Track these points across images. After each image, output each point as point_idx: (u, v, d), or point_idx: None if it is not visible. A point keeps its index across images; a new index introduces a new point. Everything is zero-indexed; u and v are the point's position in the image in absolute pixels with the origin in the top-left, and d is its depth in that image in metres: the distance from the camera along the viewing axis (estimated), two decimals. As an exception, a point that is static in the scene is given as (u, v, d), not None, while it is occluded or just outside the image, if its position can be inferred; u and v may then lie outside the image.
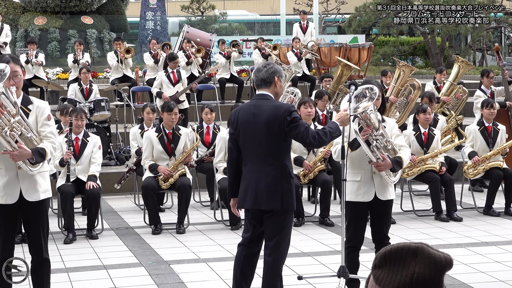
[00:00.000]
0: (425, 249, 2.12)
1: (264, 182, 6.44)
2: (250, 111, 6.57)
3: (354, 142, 6.89)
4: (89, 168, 10.24)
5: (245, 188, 6.56)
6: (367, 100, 6.63)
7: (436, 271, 2.11)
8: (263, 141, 6.47)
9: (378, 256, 2.17)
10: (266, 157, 6.49)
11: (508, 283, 7.65)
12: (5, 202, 6.34)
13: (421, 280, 2.09)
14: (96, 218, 10.20)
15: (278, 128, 6.40)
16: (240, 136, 6.59)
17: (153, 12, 26.14)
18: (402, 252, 2.13)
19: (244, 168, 6.64)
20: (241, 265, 6.68)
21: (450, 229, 10.30)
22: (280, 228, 6.51)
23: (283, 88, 6.77)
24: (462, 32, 29.35)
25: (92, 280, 8.05)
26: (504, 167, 11.32)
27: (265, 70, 6.60)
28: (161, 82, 15.45)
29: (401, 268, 2.11)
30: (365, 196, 7.03)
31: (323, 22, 37.18)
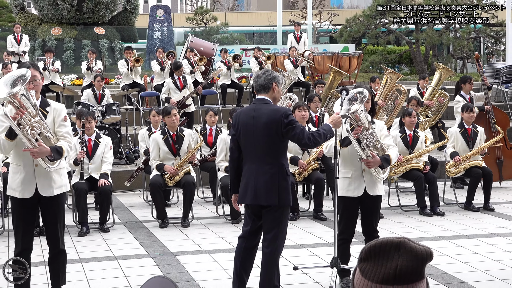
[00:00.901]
0: (407, 243, 2.12)
1: (263, 179, 6.44)
2: (250, 114, 6.59)
3: (345, 139, 6.95)
4: (101, 166, 10.26)
5: (245, 185, 6.56)
6: (358, 102, 6.67)
7: (418, 263, 2.11)
8: (261, 142, 6.47)
9: (364, 251, 2.18)
10: (265, 157, 6.50)
11: (487, 272, 7.65)
12: (22, 196, 6.37)
13: (404, 272, 2.10)
14: (108, 213, 10.22)
15: (276, 130, 6.41)
16: (240, 137, 6.61)
17: (160, 23, 26.14)
18: (386, 247, 2.13)
19: (244, 167, 6.64)
20: (241, 256, 6.70)
21: (434, 223, 10.30)
22: (277, 222, 6.51)
23: (281, 93, 6.78)
24: (445, 41, 29.37)
25: (104, 270, 8.05)
26: (483, 166, 11.36)
27: (264, 77, 6.62)
28: (168, 88, 15.47)
29: (385, 261, 2.12)
30: (356, 192, 7.06)
31: (317, 32, 37.19)
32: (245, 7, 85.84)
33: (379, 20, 29.20)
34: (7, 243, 9.52)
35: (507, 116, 14.09)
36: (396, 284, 2.09)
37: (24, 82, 5.95)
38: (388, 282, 2.10)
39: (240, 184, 6.64)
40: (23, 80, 5.94)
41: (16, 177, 6.40)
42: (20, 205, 6.43)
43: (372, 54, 31.60)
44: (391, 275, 2.09)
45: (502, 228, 9.92)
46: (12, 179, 6.43)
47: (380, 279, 2.11)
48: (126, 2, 27.67)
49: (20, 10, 27.43)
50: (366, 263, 2.16)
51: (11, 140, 6.18)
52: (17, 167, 6.41)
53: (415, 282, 2.12)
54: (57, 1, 25.63)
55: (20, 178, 6.38)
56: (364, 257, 2.17)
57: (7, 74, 6.22)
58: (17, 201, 6.44)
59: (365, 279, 2.15)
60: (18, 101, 6.00)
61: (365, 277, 2.15)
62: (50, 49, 19.39)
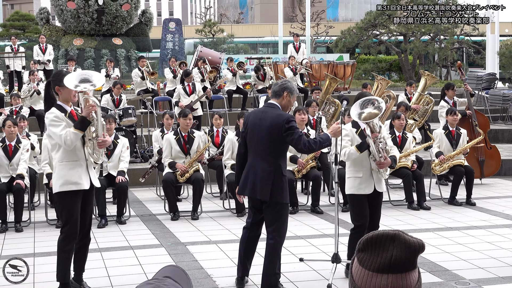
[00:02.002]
0: (401, 236, 2.13)
1: (260, 175, 6.48)
2: (258, 116, 6.66)
3: (363, 145, 6.91)
4: (118, 164, 10.26)
5: (245, 178, 6.63)
6: (372, 108, 6.66)
7: (411, 254, 2.12)
8: (264, 142, 6.50)
9: (361, 242, 2.18)
10: (265, 155, 6.51)
11: (469, 261, 7.64)
12: (82, 188, 6.43)
13: (398, 261, 2.10)
14: (124, 206, 10.21)
15: (277, 133, 6.42)
16: (247, 135, 6.67)
17: (172, 34, 26.19)
18: (382, 238, 2.13)
19: (248, 161, 6.69)
20: (245, 245, 6.78)
21: (420, 216, 10.29)
22: (277, 217, 6.53)
23: (292, 103, 6.80)
24: (430, 51, 29.37)
25: (120, 258, 8.05)
26: (465, 164, 11.36)
27: (278, 85, 6.75)
28: (179, 93, 15.50)
29: (381, 252, 2.12)
30: (367, 189, 7.03)
31: (314, 43, 37.19)
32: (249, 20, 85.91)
33: (371, 32, 29.23)
34: (33, 233, 9.54)
35: (488, 119, 14.08)
36: (391, 272, 2.10)
37: (92, 87, 6.26)
38: (384, 271, 2.10)
39: (241, 176, 6.70)
40: (92, 86, 6.25)
41: (74, 172, 6.39)
42: (77, 196, 6.44)
43: (365, 63, 31.65)
44: (386, 265, 2.10)
45: (483, 221, 9.91)
46: (70, 174, 6.38)
47: (376, 267, 2.12)
48: (141, 15, 27.73)
49: (45, 22, 27.50)
50: (363, 253, 2.17)
51: (81, 131, 6.24)
52: (73, 162, 6.39)
53: (408, 271, 2.12)
54: (79, 14, 25.69)
55: (80, 171, 6.42)
56: (362, 248, 2.18)
57: (83, 71, 6.54)
58: (75, 193, 6.43)
59: (363, 267, 2.15)
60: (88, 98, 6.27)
61: (363, 266, 2.15)
62: (72, 58, 19.42)
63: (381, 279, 2.11)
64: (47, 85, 6.57)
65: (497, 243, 8.54)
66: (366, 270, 2.14)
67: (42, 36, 21.55)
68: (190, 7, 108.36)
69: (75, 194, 6.42)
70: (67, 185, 6.39)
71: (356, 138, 7.01)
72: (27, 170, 10.17)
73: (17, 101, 14.16)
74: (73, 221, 6.43)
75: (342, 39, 29.76)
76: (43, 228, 9.87)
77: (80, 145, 6.39)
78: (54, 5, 26.91)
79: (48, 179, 9.65)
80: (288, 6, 53.67)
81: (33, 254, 8.31)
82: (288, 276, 7.10)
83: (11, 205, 10.32)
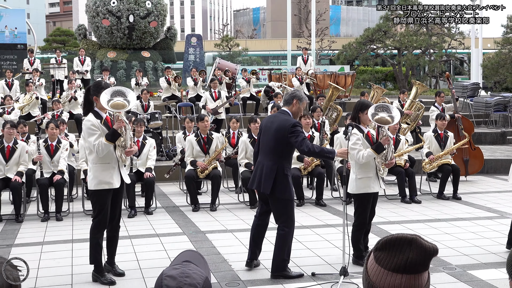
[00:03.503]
0: (418, 240, 2.10)
1: (265, 172, 6.51)
2: (270, 119, 6.74)
3: (380, 148, 6.86)
4: (146, 162, 10.27)
5: (254, 174, 6.72)
6: (386, 114, 6.63)
7: (426, 258, 2.09)
8: (270, 143, 6.54)
9: (381, 242, 2.16)
10: (271, 154, 6.53)
11: (455, 249, 7.60)
12: (114, 187, 6.46)
13: (413, 263, 2.07)
14: (151, 199, 10.23)
15: (283, 135, 6.44)
16: (261, 137, 6.74)
17: (194, 48, 26.19)
18: (400, 241, 2.11)
19: (258, 159, 6.74)
20: (253, 232, 6.87)
21: (412, 209, 10.25)
22: (283, 211, 6.55)
23: (301, 110, 6.80)
24: (421, 63, 29.25)
25: (148, 244, 8.06)
26: (452, 163, 11.35)
27: (289, 94, 6.83)
28: (206, 98, 15.61)
29: (398, 253, 2.09)
30: (376, 187, 6.98)
31: (319, 56, 37.12)
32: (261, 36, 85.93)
33: (369, 46, 29.18)
34: (72, 222, 9.57)
35: (472, 124, 14.04)
36: (405, 273, 2.08)
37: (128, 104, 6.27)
38: (399, 271, 2.08)
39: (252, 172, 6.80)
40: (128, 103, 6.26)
41: (106, 173, 6.41)
42: (109, 193, 6.47)
43: (363, 73, 31.57)
44: (402, 265, 2.07)
45: (468, 213, 9.85)
46: (103, 175, 6.40)
47: (392, 267, 2.09)
48: (167, 31, 27.77)
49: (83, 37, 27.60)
50: (381, 252, 2.14)
51: (111, 143, 6.30)
52: (106, 165, 6.41)
53: (420, 272, 2.10)
54: (112, 30, 25.76)
55: (112, 172, 6.45)
56: (380, 247, 2.15)
57: (115, 87, 6.51)
58: (107, 191, 6.45)
59: (379, 265, 2.13)
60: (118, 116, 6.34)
61: (379, 264, 2.13)
62: (107, 69, 19.50)
63: (395, 278, 2.08)
64: (87, 91, 6.59)
65: (480, 233, 8.49)
66: (382, 268, 2.12)
67: (82, 49, 21.63)
68: (209, 24, 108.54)
69: (107, 191, 6.46)
70: (101, 184, 6.42)
71: (364, 140, 6.94)
72: (67, 166, 10.22)
73: (57, 106, 14.23)
74: (104, 213, 6.48)
75: (343, 53, 29.72)
76: (80, 217, 9.90)
77: (112, 149, 6.42)
78: (90, 22, 26.99)
79: (85, 175, 9.68)
80: (296, 23, 53.57)
81: (72, 240, 8.35)
82: (296, 261, 7.08)
83: (52, 197, 10.36)
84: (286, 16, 27.27)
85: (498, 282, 6.25)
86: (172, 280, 1.94)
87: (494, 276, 6.48)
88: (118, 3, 25.68)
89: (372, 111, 6.71)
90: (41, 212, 9.87)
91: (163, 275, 1.98)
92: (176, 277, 1.96)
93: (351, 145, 6.79)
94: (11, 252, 7.73)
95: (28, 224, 9.50)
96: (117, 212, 6.67)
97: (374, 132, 7.14)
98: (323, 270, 6.75)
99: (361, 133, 6.94)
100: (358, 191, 6.94)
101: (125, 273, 6.69)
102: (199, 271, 2.03)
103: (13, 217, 9.75)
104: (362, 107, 6.95)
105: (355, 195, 6.99)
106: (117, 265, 6.75)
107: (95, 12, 26.15)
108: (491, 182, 13.01)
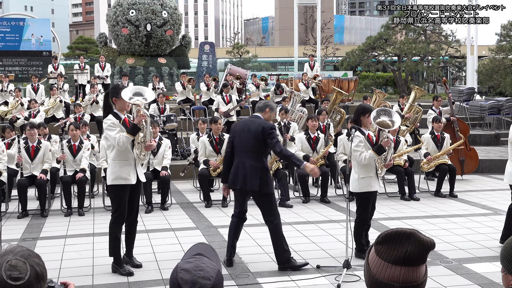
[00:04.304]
0: (417, 234, 2.10)
1: (249, 170, 6.57)
2: (245, 123, 6.84)
3: (381, 149, 6.82)
4: (162, 161, 10.28)
5: (235, 174, 6.69)
6: (386, 119, 6.61)
7: (424, 251, 2.09)
8: (251, 143, 6.62)
9: (381, 236, 2.16)
10: (252, 154, 6.62)
11: (452, 243, 7.56)
12: (130, 183, 6.45)
13: (412, 256, 2.07)
14: (167, 196, 10.24)
15: (262, 136, 6.57)
16: (235, 139, 6.79)
17: (207, 55, 26.25)
18: (400, 235, 2.11)
19: (234, 161, 6.76)
20: (234, 231, 6.89)
21: (411, 206, 10.21)
22: (269, 205, 6.66)
23: (271, 118, 6.92)
24: (420, 70, 29.17)
25: (163, 238, 8.07)
26: (449, 163, 11.30)
27: (263, 103, 7.03)
28: (218, 102, 15.63)
29: (397, 246, 2.09)
30: (377, 186, 6.95)
31: (324, 62, 37.08)
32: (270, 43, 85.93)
33: (371, 53, 29.11)
34: (93, 217, 9.60)
35: (467, 126, 13.96)
36: (404, 265, 2.08)
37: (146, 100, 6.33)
38: (398, 263, 2.08)
39: (230, 174, 6.75)
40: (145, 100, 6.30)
41: (124, 169, 6.41)
42: (126, 189, 6.47)
43: (365, 79, 31.52)
44: (401, 258, 2.07)
45: (463, 210, 9.81)
46: (121, 171, 6.40)
47: (391, 260, 2.09)
48: (182, 39, 27.80)
49: (104, 45, 27.68)
50: (381, 245, 2.14)
51: (132, 136, 6.30)
52: (124, 161, 6.42)
53: (419, 265, 2.10)
54: (131, 38, 25.82)
55: (129, 169, 6.44)
56: (380, 241, 2.15)
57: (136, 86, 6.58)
58: (125, 187, 6.46)
59: (379, 258, 2.13)
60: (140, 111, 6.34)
61: (379, 257, 2.13)
62: (126, 74, 19.55)
63: (395, 270, 2.08)
64: (106, 95, 6.61)
65: (475, 228, 8.45)
66: (382, 261, 2.12)
67: (102, 56, 21.72)
68: (221, 33, 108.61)
69: (124, 187, 6.46)
70: (118, 180, 6.43)
71: (366, 142, 6.92)
72: (88, 165, 10.25)
73: (79, 109, 14.27)
74: (122, 209, 6.48)
75: (346, 59, 29.68)
76: (101, 213, 9.93)
77: (130, 147, 6.43)
78: (111, 31, 27.06)
79: (105, 173, 9.68)
80: (302, 32, 53.51)
81: (93, 234, 8.37)
82: (302, 254, 7.07)
83: (75, 193, 10.40)
84: (293, 25, 27.26)
85: (492, 275, 6.23)
86: (187, 274, 1.95)
87: (488, 269, 6.45)
88: (137, 13, 25.74)
89: (374, 114, 6.69)
90: (65, 208, 9.91)
91: (177, 268, 1.99)
92: (191, 271, 1.96)
93: (354, 147, 6.78)
94: (36, 245, 7.77)
95: (52, 218, 9.54)
96: (135, 208, 6.68)
97: (373, 135, 7.11)
98: (328, 263, 6.73)
99: (362, 135, 6.91)
100: (360, 190, 6.89)
101: (142, 265, 6.70)
102: (212, 264, 2.03)
103: (39, 212, 9.81)
104: (363, 111, 6.93)
105: (357, 194, 6.96)
106: (135, 257, 6.77)
107: (115, 21, 26.22)
108: (486, 181, 12.94)
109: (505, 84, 23.21)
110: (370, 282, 2.16)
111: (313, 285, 5.99)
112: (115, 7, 26.58)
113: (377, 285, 2.12)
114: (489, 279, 6.12)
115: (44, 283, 1.92)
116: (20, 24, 24.53)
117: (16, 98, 16.07)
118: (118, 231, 6.54)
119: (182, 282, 1.93)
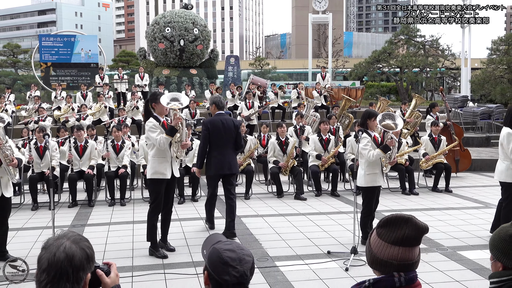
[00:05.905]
0: (413, 219, 2.16)
1: (232, 158, 7.33)
2: (220, 121, 7.33)
3: (387, 148, 6.76)
4: (193, 159, 10.31)
5: (221, 162, 7.28)
6: (390, 122, 6.56)
7: (419, 234, 2.16)
8: (230, 137, 7.31)
9: (382, 220, 2.21)
10: (231, 144, 7.34)
11: (447, 233, 7.49)
12: (166, 177, 6.50)
13: (409, 238, 2.13)
14: (197, 189, 10.26)
15: (235, 131, 7.33)
16: (211, 134, 7.29)
17: (232, 66, 26.26)
18: (398, 219, 2.17)
19: (213, 152, 7.30)
20: (214, 206, 7.76)
21: (411, 200, 10.12)
22: (233, 184, 7.42)
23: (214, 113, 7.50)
24: (420, 80, 28.89)
25: (193, 226, 8.09)
26: (445, 162, 11.21)
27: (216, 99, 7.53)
28: (241, 107, 15.64)
29: (396, 229, 2.15)
30: (380, 182, 6.89)
31: (334, 73, 36.92)
32: (287, 56, 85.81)
33: (376, 65, 28.90)
34: (133, 207, 9.66)
35: (462, 129, 13.80)
36: (402, 246, 2.15)
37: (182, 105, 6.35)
38: (396, 244, 2.13)
39: (213, 162, 7.29)
40: (181, 104, 6.34)
41: (162, 165, 6.46)
42: (163, 183, 6.51)
43: (371, 88, 31.31)
44: (399, 239, 2.13)
45: (457, 204, 9.70)
46: (159, 167, 6.45)
47: (391, 240, 2.14)
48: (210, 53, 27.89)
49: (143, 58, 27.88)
50: (382, 228, 2.19)
51: (171, 137, 6.37)
52: (162, 158, 6.48)
53: (414, 246, 2.15)
54: (166, 52, 25.97)
55: (166, 165, 6.50)
56: (381, 224, 2.20)
57: (173, 93, 6.57)
58: (162, 181, 6.50)
59: (380, 239, 2.18)
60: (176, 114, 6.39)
61: (380, 238, 2.17)
62: (162, 83, 19.67)
63: (393, 250, 2.13)
64: (146, 102, 6.66)
65: (468, 220, 8.36)
66: (383, 242, 2.16)
67: (141, 67, 21.86)
68: (245, 47, 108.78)
69: (161, 181, 6.49)
70: (156, 174, 6.47)
71: (373, 143, 6.87)
72: (129, 162, 10.33)
73: (122, 113, 14.38)
74: (158, 200, 6.52)
75: (354, 70, 29.51)
76: (140, 203, 9.99)
77: (167, 146, 6.46)
78: (149, 45, 27.24)
79: (144, 169, 9.80)
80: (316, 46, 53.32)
81: (133, 222, 8.43)
82: (314, 241, 7.05)
83: (117, 186, 10.48)
84: (308, 41, 27.18)
85: (483, 261, 6.17)
86: (232, 253, 2.01)
87: (479, 256, 6.38)
88: (172, 30, 25.89)
89: (380, 117, 6.65)
90: (109, 199, 10.00)
91: (220, 250, 2.02)
92: (235, 250, 2.02)
93: (363, 146, 6.76)
94: (84, 231, 7.85)
95: (98, 208, 9.63)
96: (170, 199, 6.72)
97: (379, 136, 7.06)
98: (337, 249, 6.70)
99: (369, 137, 6.88)
100: (366, 185, 6.85)
101: (175, 249, 6.73)
102: (243, 249, 2.08)
103: (86, 202, 9.91)
104: (369, 115, 6.89)
105: (363, 188, 6.92)
106: (169, 242, 6.80)
107: (153, 37, 26.40)
108: (478, 178, 12.79)
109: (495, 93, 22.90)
110: (371, 261, 2.20)
111: (324, 268, 5.97)
112: (153, 25, 26.78)
113: (378, 263, 2.16)
114: (480, 264, 6.05)
115: (92, 263, 1.95)
116: (71, 40, 24.83)
117: (68, 103, 16.27)
118: (155, 220, 6.58)
119: (230, 260, 1.98)
